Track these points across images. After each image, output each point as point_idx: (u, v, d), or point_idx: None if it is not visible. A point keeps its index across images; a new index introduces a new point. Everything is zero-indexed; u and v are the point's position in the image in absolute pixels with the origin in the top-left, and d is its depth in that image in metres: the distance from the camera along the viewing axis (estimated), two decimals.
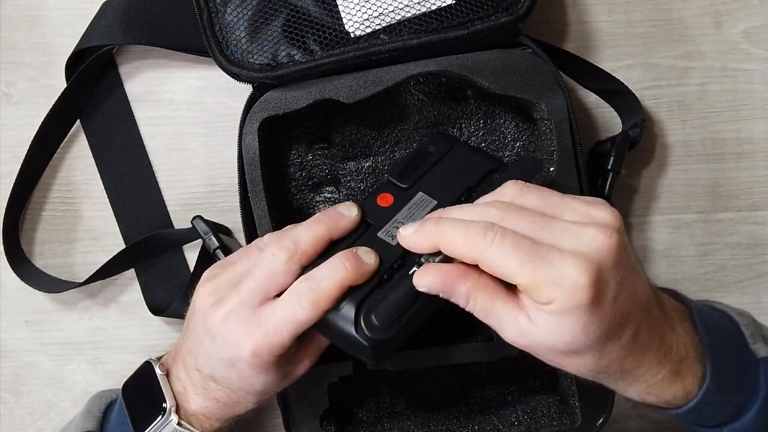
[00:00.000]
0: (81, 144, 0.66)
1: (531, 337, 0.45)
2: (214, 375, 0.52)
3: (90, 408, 0.59)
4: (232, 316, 0.50)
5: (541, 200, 0.47)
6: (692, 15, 0.65)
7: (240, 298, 0.50)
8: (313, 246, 0.50)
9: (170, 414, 0.53)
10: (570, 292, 0.43)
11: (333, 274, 0.49)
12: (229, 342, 0.50)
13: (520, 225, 0.45)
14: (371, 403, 0.64)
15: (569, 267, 0.43)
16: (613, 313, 0.44)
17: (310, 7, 0.56)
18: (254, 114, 0.57)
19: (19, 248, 0.65)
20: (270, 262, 0.50)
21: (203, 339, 0.51)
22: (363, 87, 0.56)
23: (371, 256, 0.50)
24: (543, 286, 0.43)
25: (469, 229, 0.45)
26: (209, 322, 0.50)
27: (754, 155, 0.66)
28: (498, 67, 0.56)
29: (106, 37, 0.62)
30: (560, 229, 0.45)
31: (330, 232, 0.51)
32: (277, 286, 0.50)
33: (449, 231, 0.46)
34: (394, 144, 0.63)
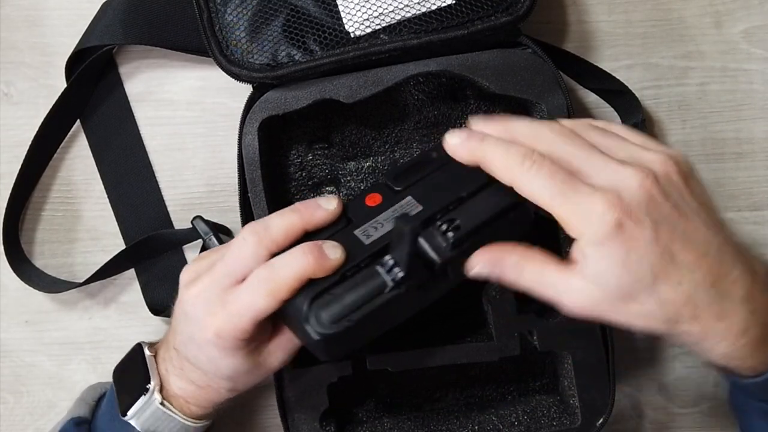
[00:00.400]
0: (81, 144, 0.66)
1: (586, 293, 0.45)
2: (188, 355, 0.53)
3: (84, 396, 0.60)
4: (201, 295, 0.50)
5: (598, 136, 0.47)
6: (692, 15, 0.65)
7: (211, 279, 0.50)
8: (284, 234, 0.50)
9: (153, 393, 0.54)
10: (597, 225, 0.43)
11: (293, 264, 0.48)
12: (196, 321, 0.50)
13: (562, 150, 0.46)
14: (371, 403, 0.64)
15: (597, 201, 0.43)
16: (656, 252, 0.44)
17: (310, 7, 0.56)
18: (254, 114, 0.57)
19: (19, 248, 0.65)
20: (240, 246, 0.50)
21: (179, 317, 0.52)
22: (363, 87, 0.56)
23: (337, 251, 0.49)
24: (573, 219, 0.44)
25: (510, 152, 0.46)
26: (183, 300, 0.51)
27: (754, 155, 0.66)
28: (498, 67, 0.56)
29: (106, 37, 0.62)
30: (601, 164, 0.45)
31: (305, 223, 0.51)
32: (245, 270, 0.50)
33: (491, 149, 0.46)
34: (394, 144, 0.63)
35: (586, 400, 0.58)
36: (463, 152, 0.48)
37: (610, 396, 0.58)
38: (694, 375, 0.68)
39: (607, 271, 0.44)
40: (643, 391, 0.68)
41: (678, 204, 0.45)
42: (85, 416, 0.58)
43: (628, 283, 0.44)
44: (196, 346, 0.52)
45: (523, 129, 0.47)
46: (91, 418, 0.58)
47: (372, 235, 0.50)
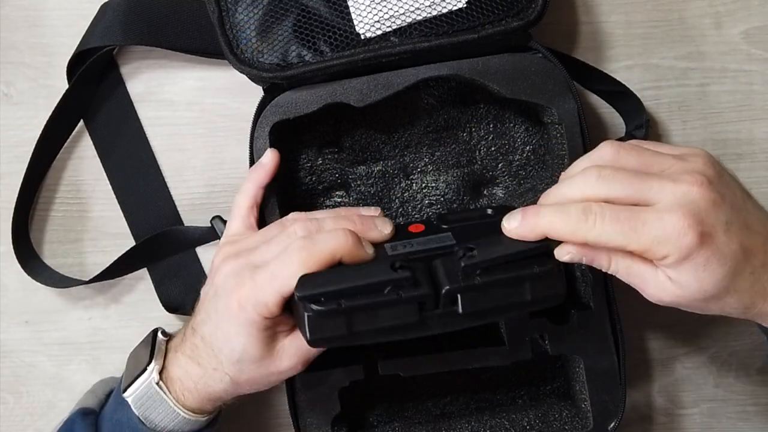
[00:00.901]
0: (84, 144, 0.66)
1: (669, 291, 0.47)
2: (204, 332, 0.53)
3: (94, 389, 0.61)
4: (234, 270, 0.52)
5: (636, 159, 0.48)
6: (692, 16, 0.65)
7: (249, 259, 0.52)
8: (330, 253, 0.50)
9: (152, 372, 0.54)
10: (677, 242, 0.45)
11: (331, 240, 0.49)
12: (223, 293, 0.51)
13: (617, 190, 0.47)
14: (382, 408, 0.64)
15: (668, 222, 0.45)
16: (732, 250, 0.46)
17: (320, 8, 0.56)
18: (265, 118, 0.57)
19: (28, 245, 0.65)
20: (288, 237, 0.51)
21: (208, 294, 0.53)
22: (373, 90, 0.56)
23: (371, 249, 0.51)
24: (653, 247, 0.46)
25: (570, 215, 0.47)
26: (216, 275, 0.53)
27: (754, 156, 0.66)
28: (509, 71, 0.56)
29: (106, 38, 0.62)
30: (657, 187, 0.46)
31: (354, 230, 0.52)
32: None
33: (551, 220, 0.48)
34: (404, 148, 0.63)
35: (597, 404, 0.59)
36: (525, 231, 0.49)
37: (622, 400, 0.59)
38: (695, 376, 0.68)
39: (693, 280, 0.46)
40: (644, 393, 0.68)
41: (732, 200, 0.47)
42: (93, 407, 0.58)
43: (711, 287, 0.46)
44: (215, 322, 0.52)
45: (569, 189, 0.49)
46: (99, 410, 0.58)
47: (398, 250, 0.51)
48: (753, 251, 0.47)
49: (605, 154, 0.49)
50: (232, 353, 0.52)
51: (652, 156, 0.49)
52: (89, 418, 0.57)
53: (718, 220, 0.46)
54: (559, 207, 0.48)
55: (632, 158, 0.48)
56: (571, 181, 0.49)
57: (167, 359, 0.56)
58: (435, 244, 0.52)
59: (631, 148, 0.49)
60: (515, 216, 0.49)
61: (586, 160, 0.50)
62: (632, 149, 0.49)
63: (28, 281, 0.64)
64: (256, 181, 0.57)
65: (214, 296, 0.53)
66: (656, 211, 0.46)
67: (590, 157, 0.50)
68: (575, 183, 0.49)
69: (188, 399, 0.55)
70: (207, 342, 0.53)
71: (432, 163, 0.63)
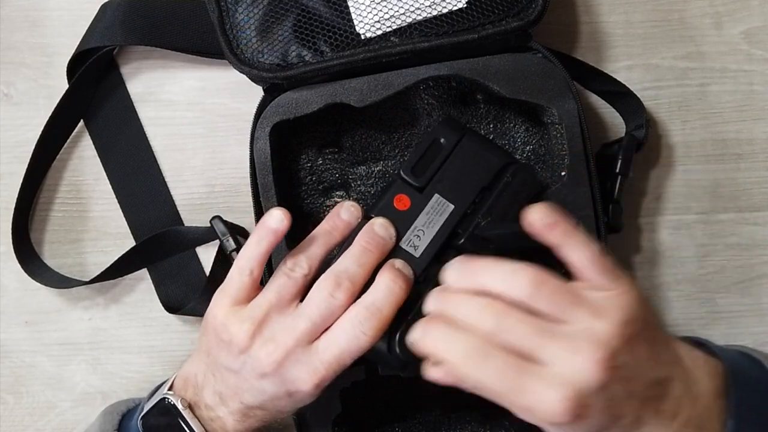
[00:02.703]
0: (85, 144, 0.66)
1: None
2: (264, 405, 0.52)
3: (104, 428, 0.58)
4: (289, 357, 0.49)
5: (550, 304, 0.46)
6: (692, 16, 0.65)
7: (296, 338, 0.49)
8: (366, 278, 0.51)
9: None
10: (550, 418, 0.44)
11: (390, 297, 0.50)
12: (288, 380, 0.50)
13: (515, 336, 0.45)
14: (383, 409, 0.64)
15: (549, 400, 0.43)
16: (601, 419, 0.45)
17: (320, 8, 0.56)
18: (265, 118, 0.57)
19: (28, 245, 0.65)
20: (330, 303, 0.50)
21: (250, 378, 0.51)
22: (374, 90, 0.56)
23: (408, 268, 0.52)
24: (526, 411, 0.44)
25: (459, 342, 0.45)
26: (260, 364, 0.50)
27: (754, 156, 0.66)
28: (509, 71, 0.56)
29: (106, 38, 0.62)
30: (553, 351, 0.44)
31: (379, 259, 0.52)
32: (333, 321, 0.50)
33: (436, 345, 0.46)
34: (404, 148, 0.62)
35: None
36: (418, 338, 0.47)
37: None
38: None
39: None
40: None
41: (628, 368, 0.45)
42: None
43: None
44: (283, 398, 0.51)
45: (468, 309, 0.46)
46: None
47: (418, 245, 0.52)
48: (625, 413, 0.45)
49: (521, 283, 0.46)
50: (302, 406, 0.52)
51: (565, 306, 0.45)
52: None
53: (599, 399, 0.44)
54: (446, 337, 0.46)
55: (547, 302, 0.45)
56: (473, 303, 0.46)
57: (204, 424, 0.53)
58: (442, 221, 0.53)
59: (551, 288, 0.46)
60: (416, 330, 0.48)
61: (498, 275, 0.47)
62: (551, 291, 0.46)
63: (28, 281, 0.64)
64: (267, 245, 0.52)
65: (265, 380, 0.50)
66: (542, 381, 0.44)
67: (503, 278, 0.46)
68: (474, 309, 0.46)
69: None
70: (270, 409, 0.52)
71: None
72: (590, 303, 0.46)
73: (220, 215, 0.62)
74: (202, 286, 0.63)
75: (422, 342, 0.47)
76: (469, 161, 0.55)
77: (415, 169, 0.55)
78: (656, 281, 0.67)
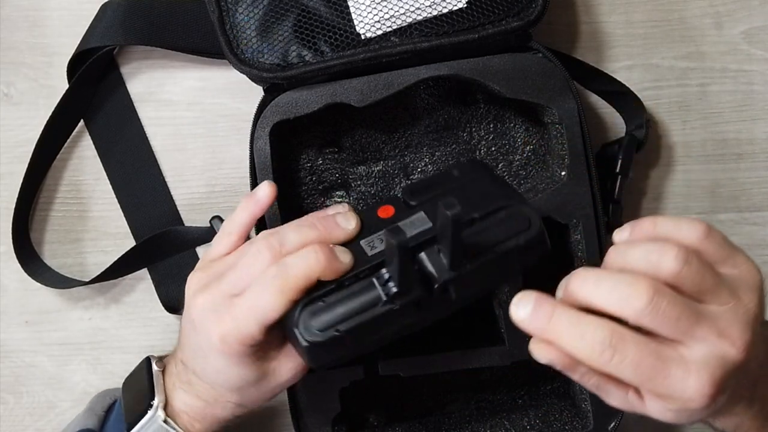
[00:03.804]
0: (85, 144, 0.66)
1: (636, 408, 0.45)
2: (195, 368, 0.52)
3: (92, 406, 0.60)
4: (209, 303, 0.50)
5: (701, 280, 0.43)
6: (692, 16, 0.65)
7: (219, 289, 0.50)
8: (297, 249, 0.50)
9: (157, 410, 0.53)
10: (688, 403, 0.43)
11: (303, 263, 0.48)
12: (204, 329, 0.50)
13: (661, 327, 0.42)
14: (382, 408, 0.64)
15: (691, 385, 0.42)
16: (725, 401, 0.44)
17: (320, 8, 0.56)
18: (265, 118, 0.57)
19: (28, 245, 0.65)
20: (254, 258, 0.50)
21: (187, 329, 0.52)
22: (374, 90, 0.56)
23: (347, 256, 0.49)
24: (661, 397, 0.43)
25: (586, 337, 0.42)
26: (191, 309, 0.51)
27: (754, 156, 0.66)
28: (509, 71, 0.56)
29: (106, 38, 0.62)
30: (699, 334, 0.42)
31: (321, 241, 0.50)
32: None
33: (563, 334, 0.43)
34: (404, 148, 0.63)
35: (597, 403, 0.58)
36: (533, 328, 0.44)
37: None
38: None
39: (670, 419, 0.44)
40: None
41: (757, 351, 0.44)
42: (94, 428, 0.57)
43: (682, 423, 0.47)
44: (203, 358, 0.51)
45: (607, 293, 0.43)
46: (98, 430, 0.58)
47: (376, 247, 0.50)
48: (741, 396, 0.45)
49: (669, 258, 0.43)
50: (230, 383, 0.52)
51: (712, 285, 0.43)
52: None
53: (732, 382, 0.43)
54: (578, 322, 0.43)
55: (695, 281, 0.43)
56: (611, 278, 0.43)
57: (168, 391, 0.54)
58: (412, 231, 0.49)
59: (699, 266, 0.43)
60: (525, 304, 0.44)
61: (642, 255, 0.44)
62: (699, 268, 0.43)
63: (28, 281, 0.64)
64: (250, 214, 0.53)
65: (193, 331, 0.51)
66: (683, 366, 0.42)
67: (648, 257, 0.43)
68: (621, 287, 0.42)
69: (198, 428, 0.54)
70: (201, 377, 0.53)
71: (432, 163, 0.63)
72: (732, 279, 0.44)
73: (220, 215, 0.62)
74: None
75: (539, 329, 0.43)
76: (472, 194, 0.51)
77: (416, 190, 0.53)
78: None
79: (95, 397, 0.62)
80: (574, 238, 0.58)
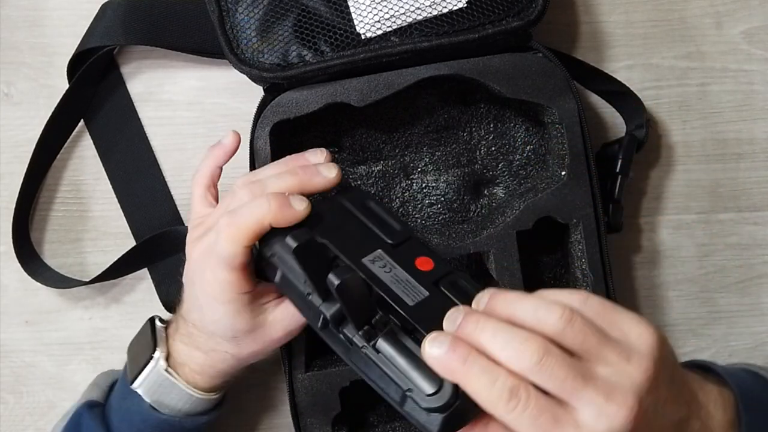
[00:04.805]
0: (85, 144, 0.66)
1: None
2: (194, 319, 0.54)
3: (97, 381, 0.61)
4: (201, 250, 0.52)
5: (582, 340, 0.43)
6: (693, 15, 0.65)
7: (206, 225, 0.53)
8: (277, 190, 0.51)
9: (159, 360, 0.55)
10: None
11: (253, 211, 0.49)
12: (200, 274, 0.52)
13: (554, 377, 0.42)
14: (382, 407, 0.64)
15: None
16: None
17: (320, 8, 0.56)
18: (265, 118, 0.57)
19: (29, 245, 0.66)
20: (235, 197, 0.52)
21: (186, 280, 0.54)
22: (374, 90, 0.56)
23: (302, 204, 0.50)
24: None
25: (495, 388, 0.42)
26: (189, 262, 0.54)
27: (754, 156, 0.66)
28: (509, 71, 0.56)
29: (106, 38, 0.62)
30: (587, 397, 0.42)
31: (302, 188, 0.51)
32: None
33: (475, 376, 0.42)
34: (404, 148, 0.63)
35: None
36: (443, 368, 0.43)
37: None
38: None
39: None
40: None
41: (653, 411, 0.44)
42: (98, 399, 0.59)
43: None
44: (199, 308, 0.53)
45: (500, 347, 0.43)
46: (104, 402, 0.59)
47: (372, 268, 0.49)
48: None
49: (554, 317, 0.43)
50: (225, 332, 0.53)
51: (596, 345, 0.43)
52: (95, 410, 0.58)
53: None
54: (490, 369, 0.42)
55: (578, 340, 0.43)
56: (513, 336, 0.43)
57: (170, 345, 0.56)
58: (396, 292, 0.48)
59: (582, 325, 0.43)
60: (441, 343, 0.43)
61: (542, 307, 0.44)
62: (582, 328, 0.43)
63: (28, 281, 0.64)
64: (215, 160, 0.56)
65: (191, 282, 0.53)
66: (575, 428, 0.42)
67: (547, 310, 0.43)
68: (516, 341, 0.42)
69: (199, 380, 0.55)
70: (199, 327, 0.54)
71: (432, 162, 0.63)
72: (618, 343, 0.44)
73: None
74: None
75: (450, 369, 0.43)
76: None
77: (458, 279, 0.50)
78: (656, 281, 0.67)
79: (100, 374, 0.63)
80: (574, 238, 0.58)
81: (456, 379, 0.43)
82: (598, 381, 0.43)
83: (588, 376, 0.42)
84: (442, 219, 0.63)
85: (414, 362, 0.45)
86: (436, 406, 0.43)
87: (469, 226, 0.59)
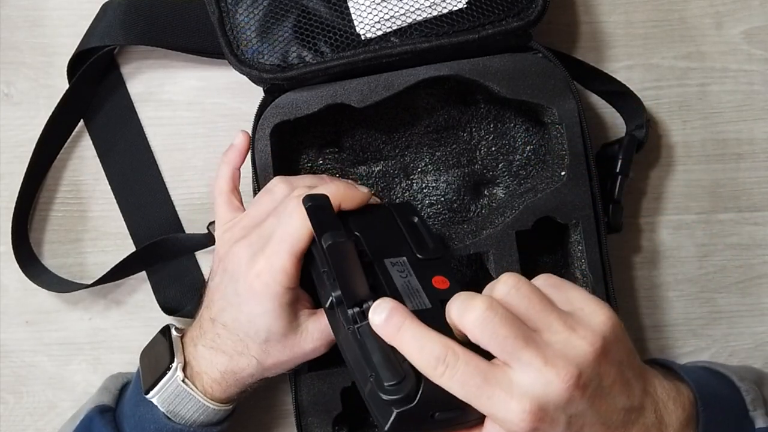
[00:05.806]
0: (85, 144, 0.66)
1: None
2: (225, 320, 0.54)
3: (107, 385, 0.61)
4: (247, 249, 0.53)
5: (527, 307, 0.44)
6: (693, 16, 0.65)
7: (257, 233, 0.53)
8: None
9: (176, 371, 0.54)
10: (508, 427, 0.43)
11: (329, 190, 0.51)
12: (241, 274, 0.52)
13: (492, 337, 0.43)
14: None
15: (512, 410, 0.42)
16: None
17: (320, 9, 0.56)
18: (266, 119, 0.57)
19: (28, 247, 0.65)
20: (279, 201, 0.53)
21: (223, 280, 0.54)
22: (374, 91, 0.56)
23: (365, 188, 0.54)
24: (489, 413, 0.43)
25: (424, 351, 0.43)
26: (229, 261, 0.54)
27: (754, 156, 0.66)
28: (509, 71, 0.56)
29: (106, 38, 0.62)
30: (525, 358, 0.43)
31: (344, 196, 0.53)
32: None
33: (407, 342, 0.44)
34: (404, 148, 0.63)
35: None
36: (383, 335, 0.45)
37: None
38: None
39: None
40: None
41: (596, 388, 0.44)
42: (109, 404, 0.58)
43: None
44: (236, 306, 0.53)
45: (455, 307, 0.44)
46: (114, 406, 0.58)
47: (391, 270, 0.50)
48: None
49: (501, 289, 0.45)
50: (258, 334, 0.53)
51: (542, 311, 0.44)
52: (107, 415, 0.57)
53: (562, 415, 0.43)
54: (420, 336, 0.44)
55: (523, 304, 0.44)
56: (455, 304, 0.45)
57: (188, 353, 0.56)
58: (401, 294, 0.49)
59: (529, 291, 0.45)
60: (381, 312, 0.45)
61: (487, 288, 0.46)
62: (528, 293, 0.45)
63: (29, 281, 0.64)
64: (232, 163, 0.58)
65: (230, 281, 0.53)
66: (508, 389, 0.42)
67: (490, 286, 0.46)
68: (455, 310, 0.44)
69: (216, 390, 0.55)
70: (230, 328, 0.54)
71: (432, 163, 0.63)
72: (569, 315, 0.45)
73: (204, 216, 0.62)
74: (199, 290, 0.63)
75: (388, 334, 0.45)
76: None
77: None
78: (656, 281, 0.67)
79: (109, 377, 0.63)
80: (574, 238, 0.58)
81: (393, 343, 0.44)
82: (541, 345, 0.43)
83: (530, 339, 0.43)
84: (442, 219, 0.63)
85: (384, 351, 0.45)
86: (393, 398, 0.44)
87: (469, 227, 0.59)
